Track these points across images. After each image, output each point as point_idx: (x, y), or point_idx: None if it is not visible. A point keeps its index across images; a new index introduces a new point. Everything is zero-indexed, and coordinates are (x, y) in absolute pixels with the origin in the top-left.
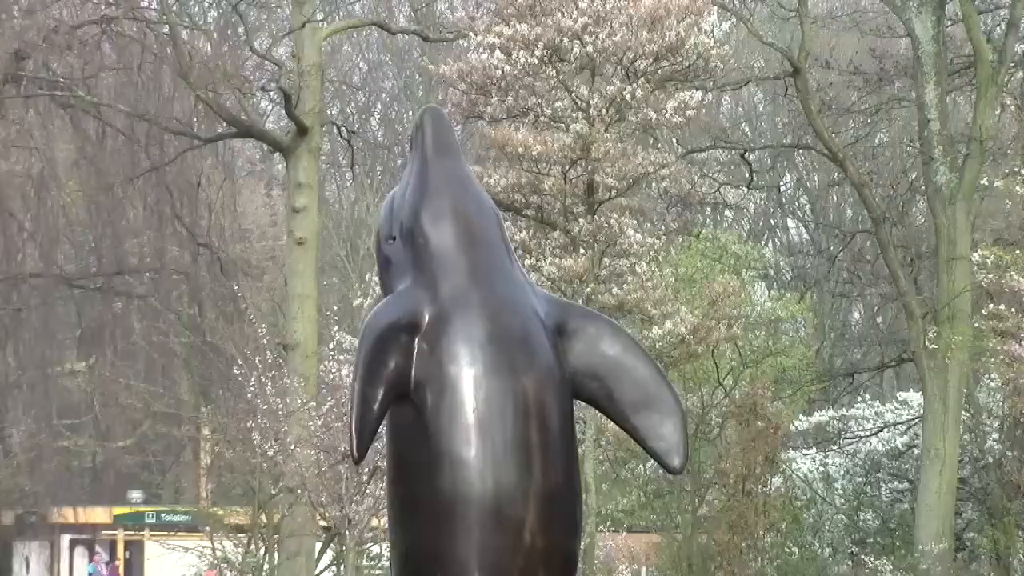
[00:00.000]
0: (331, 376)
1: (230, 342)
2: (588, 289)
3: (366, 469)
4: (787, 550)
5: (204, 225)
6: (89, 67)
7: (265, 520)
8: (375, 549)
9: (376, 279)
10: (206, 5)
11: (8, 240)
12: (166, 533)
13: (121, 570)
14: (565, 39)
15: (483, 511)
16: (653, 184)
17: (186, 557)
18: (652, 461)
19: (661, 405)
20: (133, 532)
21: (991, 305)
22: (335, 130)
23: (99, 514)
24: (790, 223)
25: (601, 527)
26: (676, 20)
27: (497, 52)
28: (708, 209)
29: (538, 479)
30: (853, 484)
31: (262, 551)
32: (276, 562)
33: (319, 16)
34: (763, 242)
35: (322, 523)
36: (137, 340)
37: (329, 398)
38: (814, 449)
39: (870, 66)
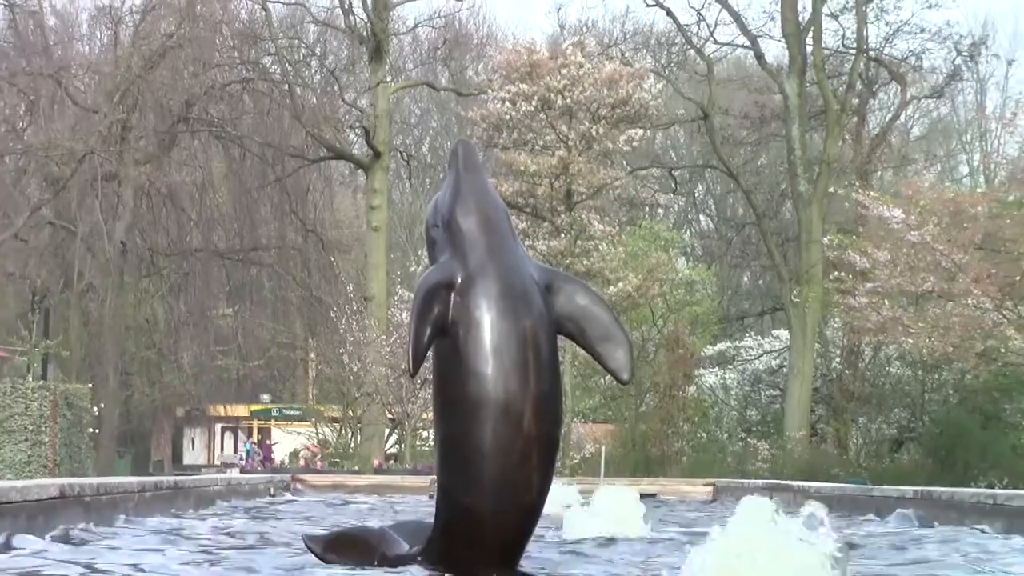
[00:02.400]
0: (395, 318)
1: (328, 296)
2: (567, 261)
3: (418, 381)
4: (698, 435)
5: (311, 217)
6: (234, 112)
7: (351, 413)
8: (424, 434)
9: (425, 254)
10: (312, 71)
11: (180, 227)
12: (285, 422)
13: (259, 455)
14: (552, 94)
15: (496, 409)
16: (611, 191)
17: (298, 439)
18: (609, 376)
19: (615, 338)
20: (263, 421)
21: (835, 273)
22: (398, 155)
23: (240, 410)
24: (701, 218)
25: (575, 419)
26: (626, 82)
27: (506, 103)
28: (647, 208)
29: (533, 387)
30: (743, 391)
31: (349, 435)
32: (358, 442)
33: (388, 78)
34: (683, 230)
35: (389, 416)
36: (266, 294)
37: (394, 333)
38: (717, 368)
39: (755, 112)
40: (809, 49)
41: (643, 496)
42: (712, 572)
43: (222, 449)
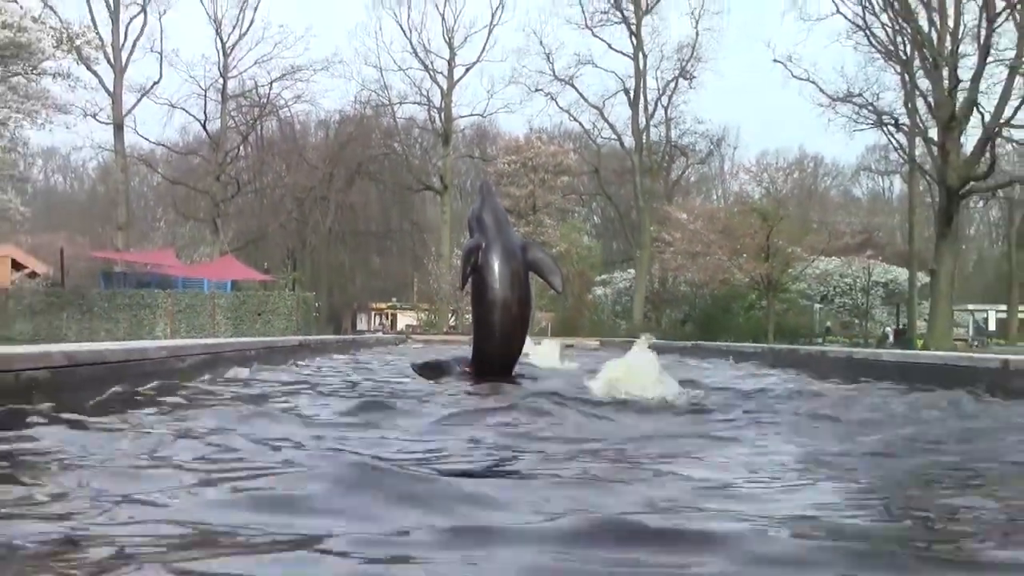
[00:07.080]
0: (454, 264)
1: (423, 253)
2: (532, 238)
3: (464, 293)
4: (592, 318)
5: (415, 217)
6: (380, 168)
7: (434, 306)
8: (467, 317)
9: (466, 234)
10: (416, 149)
11: (355, 220)
12: (403, 311)
13: (390, 325)
14: (526, 160)
15: (500, 306)
16: (553, 205)
17: (406, 319)
18: (551, 290)
19: (556, 272)
20: (393, 311)
21: (655, 243)
22: (455, 188)
23: (382, 305)
24: (595, 217)
25: (536, 309)
26: (561, 155)
27: (505, 164)
28: (570, 213)
29: (518, 295)
30: (613, 298)
31: (433, 317)
32: (437, 320)
33: (451, 153)
34: (586, 223)
35: (450, 308)
36: (395, 252)
37: (453, 270)
38: (602, 287)
39: (619, 168)
40: (644, 139)
41: (566, 346)
42: (610, 377)
43: (374, 323)
